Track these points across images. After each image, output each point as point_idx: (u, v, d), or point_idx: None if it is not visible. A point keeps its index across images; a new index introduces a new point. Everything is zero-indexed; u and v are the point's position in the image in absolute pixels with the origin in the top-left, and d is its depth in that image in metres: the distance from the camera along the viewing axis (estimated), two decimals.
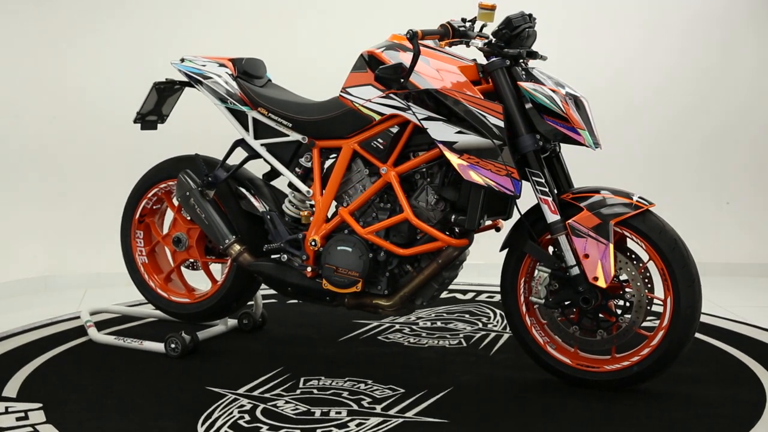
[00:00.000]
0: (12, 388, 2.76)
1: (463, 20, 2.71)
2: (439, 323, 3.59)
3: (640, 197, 2.62)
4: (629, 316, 2.62)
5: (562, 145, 2.76)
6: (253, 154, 3.08)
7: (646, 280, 2.63)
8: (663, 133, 4.69)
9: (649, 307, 2.62)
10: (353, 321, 3.62)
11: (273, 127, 3.00)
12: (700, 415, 2.48)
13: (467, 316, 3.71)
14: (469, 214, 2.67)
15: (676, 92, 4.66)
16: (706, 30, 4.63)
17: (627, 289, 2.63)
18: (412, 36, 2.54)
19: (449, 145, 2.63)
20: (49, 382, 2.82)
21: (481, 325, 3.54)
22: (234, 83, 3.05)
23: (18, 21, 4.26)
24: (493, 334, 3.39)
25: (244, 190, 3.11)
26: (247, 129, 3.06)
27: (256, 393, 2.70)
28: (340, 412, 2.52)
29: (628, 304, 2.62)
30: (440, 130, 2.64)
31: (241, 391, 2.72)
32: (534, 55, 2.70)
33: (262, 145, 3.05)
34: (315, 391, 2.73)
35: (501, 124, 2.57)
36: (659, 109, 4.67)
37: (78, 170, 4.29)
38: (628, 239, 2.66)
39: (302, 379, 2.83)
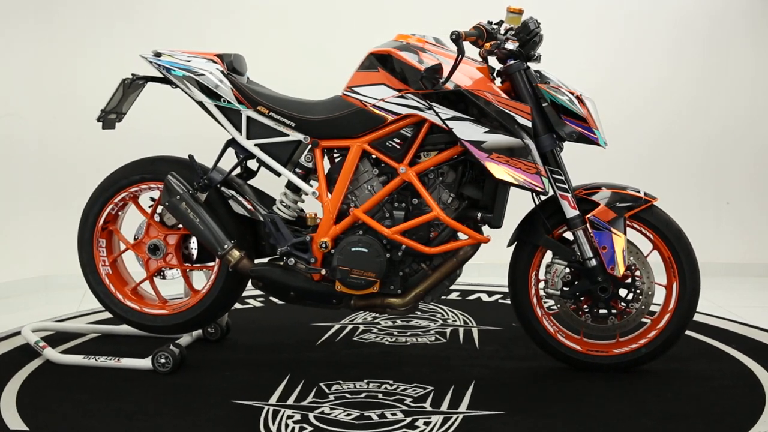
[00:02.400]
0: (10, 409, 2.51)
1: (489, 23, 2.78)
2: (399, 321, 3.63)
3: (645, 192, 2.83)
4: (639, 302, 2.82)
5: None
6: (247, 155, 2.95)
7: None
8: (663, 134, 4.69)
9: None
10: (312, 324, 3.57)
11: (271, 126, 2.89)
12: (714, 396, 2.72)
13: (419, 313, 3.77)
14: (496, 211, 2.75)
15: (676, 92, 4.68)
16: (706, 30, 4.64)
17: (636, 277, 2.83)
18: (457, 37, 2.58)
19: (477, 144, 2.69)
20: (52, 407, 2.54)
21: (442, 322, 3.62)
22: (226, 80, 2.90)
23: (19, 21, 4.27)
24: (462, 329, 3.49)
25: (233, 193, 2.96)
26: (239, 128, 2.92)
27: (290, 402, 2.61)
28: (395, 414, 2.51)
29: (638, 291, 2.82)
30: (467, 130, 2.69)
31: (272, 401, 2.61)
32: (539, 58, 2.83)
33: (255, 145, 2.92)
34: (347, 395, 2.68)
35: (529, 124, 2.68)
36: (659, 108, 4.68)
37: (78, 170, 4.02)
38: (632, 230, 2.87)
39: (322, 385, 2.76)
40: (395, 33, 2.96)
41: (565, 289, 2.84)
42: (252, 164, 3.06)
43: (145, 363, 2.91)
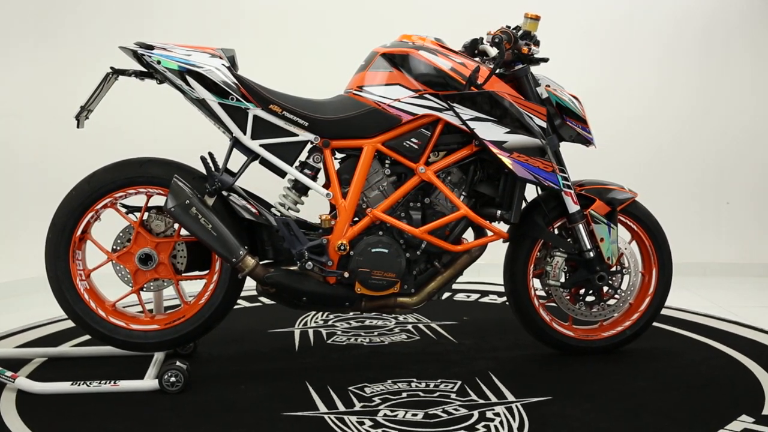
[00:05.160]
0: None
1: (508, 27, 2.87)
2: (353, 323, 3.62)
3: (629, 188, 3.10)
4: (626, 288, 3.08)
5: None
6: (252, 156, 2.80)
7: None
8: (663, 134, 4.73)
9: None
10: (269, 331, 3.46)
11: (280, 126, 2.77)
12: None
13: (366, 313, 3.77)
14: (515, 208, 2.87)
15: (677, 92, 4.72)
16: (705, 31, 4.69)
17: (623, 265, 3.08)
18: (500, 41, 2.65)
19: (499, 144, 2.79)
20: None
21: (396, 321, 3.66)
22: (232, 76, 2.73)
23: (19, 22, 4.30)
24: (422, 326, 3.56)
25: (236, 196, 2.80)
26: (243, 128, 2.77)
27: (342, 409, 2.54)
28: (457, 410, 2.54)
29: (627, 278, 3.08)
30: (489, 131, 2.79)
31: (323, 410, 2.53)
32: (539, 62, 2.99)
33: (260, 145, 2.79)
34: (390, 396, 2.65)
35: (545, 125, 2.83)
36: (659, 109, 4.72)
37: (78, 170, 3.46)
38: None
39: (353, 389, 2.71)
40: (386, 31, 2.99)
41: (562, 280, 3.03)
42: (232, 166, 2.91)
43: (151, 383, 2.67)
